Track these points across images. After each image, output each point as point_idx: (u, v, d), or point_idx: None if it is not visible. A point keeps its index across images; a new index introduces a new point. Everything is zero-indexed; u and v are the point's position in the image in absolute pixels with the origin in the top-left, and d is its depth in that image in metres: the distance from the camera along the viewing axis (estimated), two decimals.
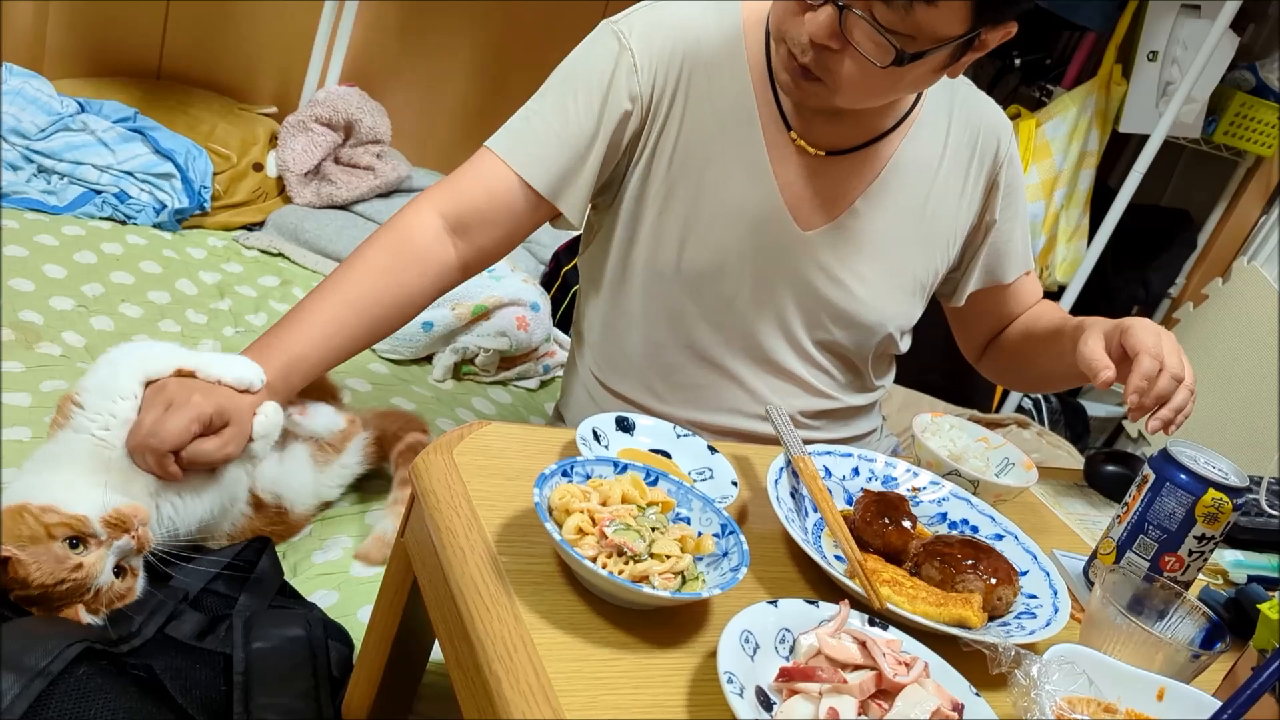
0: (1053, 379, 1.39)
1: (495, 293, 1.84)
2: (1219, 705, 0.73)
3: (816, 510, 0.95)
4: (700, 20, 1.16)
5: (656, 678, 0.72)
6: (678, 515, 0.84)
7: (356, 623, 1.08)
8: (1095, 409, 2.87)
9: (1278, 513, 1.20)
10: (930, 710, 0.69)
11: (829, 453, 1.03)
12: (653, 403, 1.26)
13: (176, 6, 2.24)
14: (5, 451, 1.20)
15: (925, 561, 0.89)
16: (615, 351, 1.27)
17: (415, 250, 1.13)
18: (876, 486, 1.03)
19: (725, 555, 0.80)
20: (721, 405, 1.26)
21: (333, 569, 1.16)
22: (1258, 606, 0.88)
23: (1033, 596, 0.91)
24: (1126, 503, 1.02)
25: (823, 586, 0.88)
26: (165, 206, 1.95)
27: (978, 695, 0.74)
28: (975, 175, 1.26)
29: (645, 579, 0.74)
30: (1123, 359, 1.09)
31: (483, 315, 1.82)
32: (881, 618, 0.80)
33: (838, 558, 0.90)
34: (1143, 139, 2.54)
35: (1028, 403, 2.69)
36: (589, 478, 0.83)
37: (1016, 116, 2.61)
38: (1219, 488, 0.96)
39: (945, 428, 1.17)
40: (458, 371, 1.81)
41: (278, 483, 1.14)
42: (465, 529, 0.80)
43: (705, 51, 1.15)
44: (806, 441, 1.00)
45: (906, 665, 0.72)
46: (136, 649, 0.92)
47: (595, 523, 0.77)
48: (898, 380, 1.43)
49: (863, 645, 0.73)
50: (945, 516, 1.02)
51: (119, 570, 0.91)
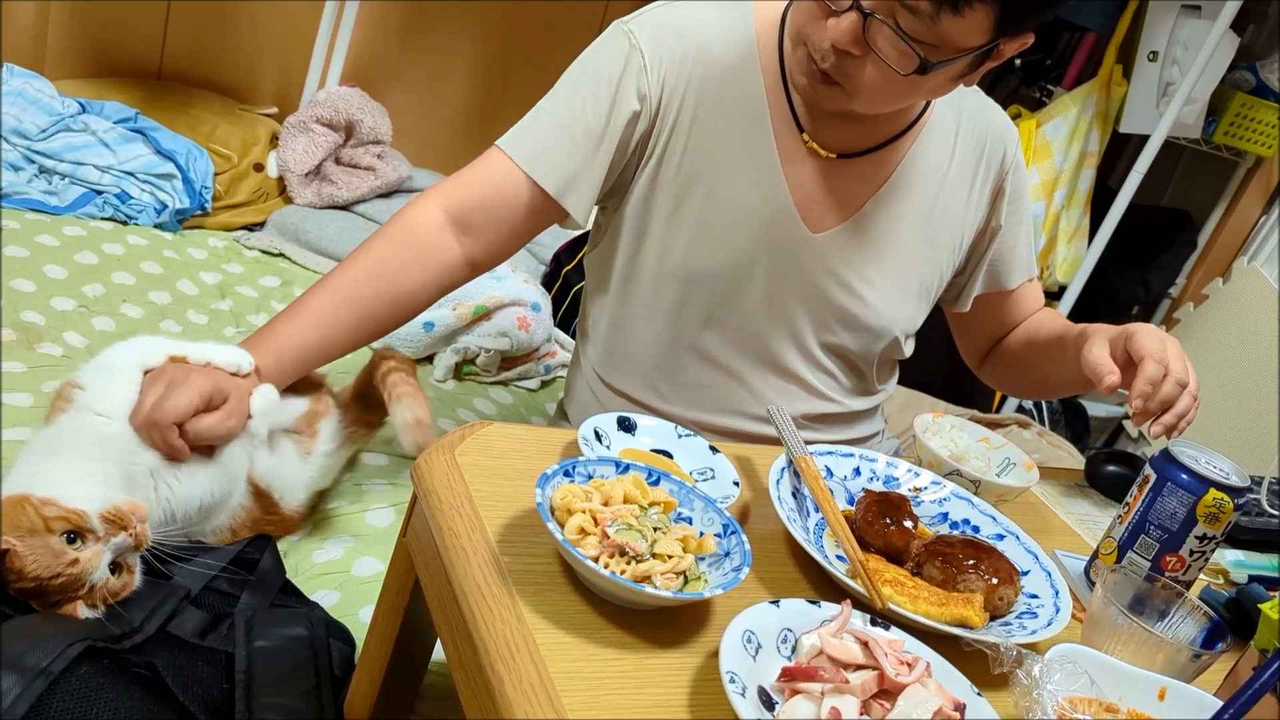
0: (1054, 386, 1.39)
1: (496, 293, 1.84)
2: (1220, 705, 0.73)
3: (818, 510, 0.95)
4: (712, 21, 1.16)
5: (659, 678, 0.72)
6: (679, 515, 0.84)
7: (358, 622, 1.08)
8: (1096, 409, 2.88)
9: (1278, 513, 1.20)
10: (932, 710, 0.69)
11: (830, 453, 1.03)
12: (657, 402, 1.26)
13: (177, 7, 2.24)
14: (5, 452, 1.20)
15: (927, 561, 0.89)
16: (620, 351, 1.27)
17: (417, 245, 1.13)
18: (878, 486, 1.03)
19: (727, 555, 0.80)
20: (725, 406, 1.26)
21: (334, 568, 1.16)
22: (1259, 606, 0.88)
23: (1034, 596, 0.91)
24: (1128, 503, 1.02)
25: (824, 586, 0.88)
26: (166, 207, 1.95)
27: (979, 695, 0.74)
28: (982, 181, 1.26)
29: (647, 579, 0.75)
30: (1127, 364, 1.09)
31: (484, 315, 1.82)
32: (883, 618, 0.80)
33: (839, 558, 0.91)
34: (1143, 139, 2.54)
35: (1028, 403, 2.69)
36: (591, 478, 0.83)
37: (1017, 117, 2.61)
38: (1220, 488, 0.96)
39: (946, 428, 1.17)
40: (459, 372, 1.80)
41: (270, 472, 1.14)
42: (467, 529, 0.80)
43: (717, 52, 1.15)
44: (808, 443, 1.00)
45: (908, 665, 0.72)
46: (139, 646, 0.92)
47: (597, 523, 0.77)
48: (899, 381, 1.43)
49: (864, 645, 0.73)
50: (947, 516, 1.02)
51: (115, 567, 0.91)
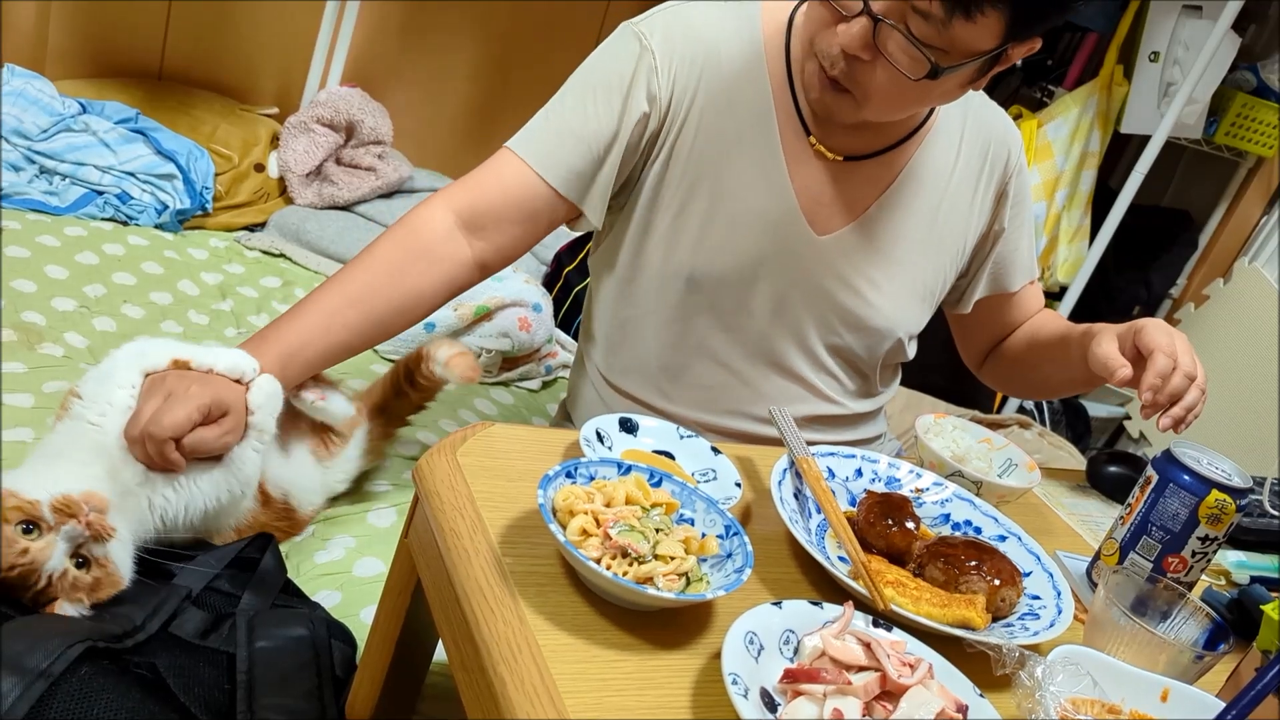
0: (1057, 386, 1.39)
1: (497, 294, 1.84)
2: (1223, 706, 0.73)
3: (820, 511, 0.95)
4: (720, 23, 1.16)
5: (661, 679, 0.72)
6: (681, 516, 0.84)
7: (360, 623, 1.08)
8: (1096, 409, 2.87)
9: None
10: (935, 711, 0.69)
11: (832, 454, 1.03)
12: (661, 402, 1.26)
13: (178, 7, 2.24)
14: (6, 452, 1.20)
15: (929, 563, 0.89)
16: (624, 351, 1.27)
17: (423, 246, 1.13)
18: (880, 488, 1.03)
19: (729, 557, 0.80)
20: (729, 407, 1.26)
21: (336, 569, 1.16)
22: (1261, 607, 0.88)
23: (1036, 597, 0.91)
24: (1130, 504, 1.02)
25: (826, 588, 0.88)
26: (167, 207, 1.95)
27: (982, 696, 0.74)
28: (986, 184, 1.27)
29: (649, 580, 0.74)
30: (1136, 359, 1.10)
31: (485, 316, 1.82)
32: (885, 619, 0.80)
33: (841, 559, 0.91)
34: (1144, 140, 2.54)
35: (1029, 403, 2.69)
36: (593, 479, 0.83)
37: (1018, 117, 2.61)
38: (1222, 489, 0.96)
39: (948, 429, 1.17)
40: None
41: (285, 480, 1.14)
42: (469, 531, 0.80)
43: (725, 55, 1.15)
44: (809, 444, 1.00)
45: (911, 666, 0.72)
46: (140, 646, 0.92)
47: (599, 524, 0.77)
48: (900, 382, 1.43)
49: (867, 646, 0.73)
50: (948, 518, 1.02)
51: (82, 562, 0.90)
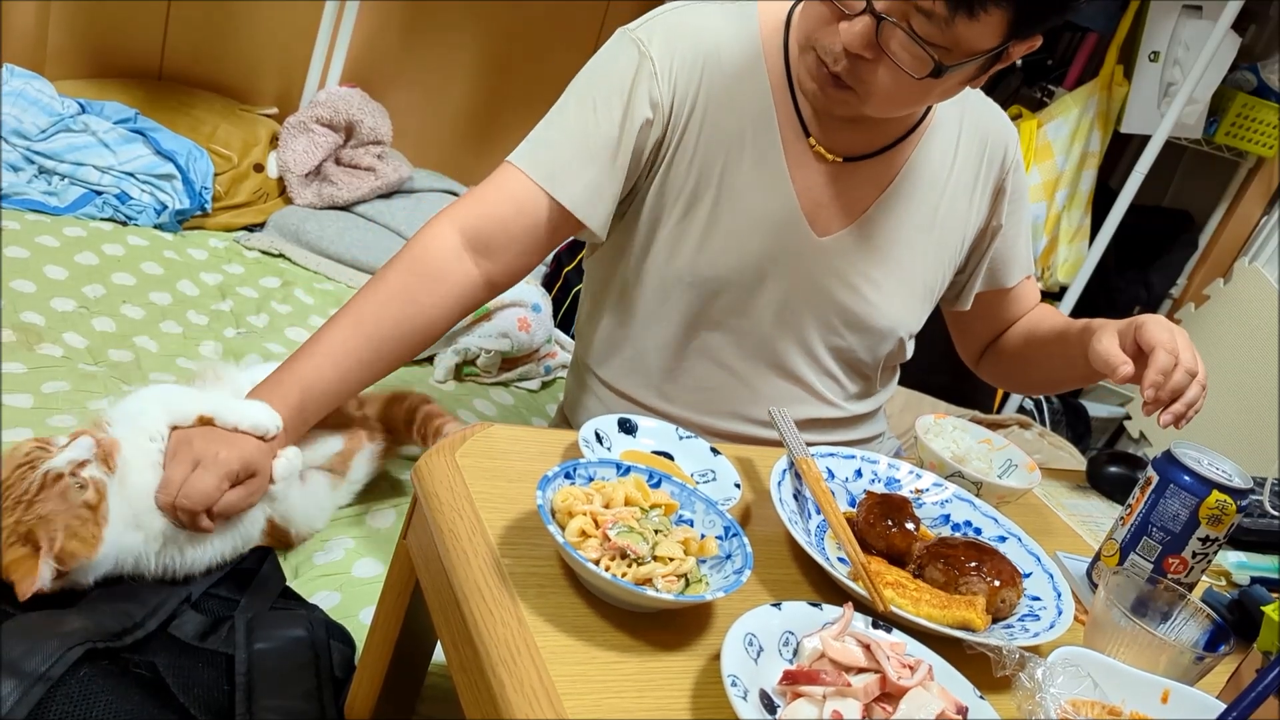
0: (1055, 381, 1.39)
1: None
2: (1224, 708, 0.73)
3: (819, 512, 0.95)
4: (719, 26, 1.16)
5: (660, 681, 0.72)
6: (681, 518, 0.84)
7: (359, 624, 1.08)
8: (1096, 409, 2.87)
9: None
10: (935, 713, 0.69)
11: (832, 454, 1.03)
12: (660, 404, 1.26)
13: (177, 7, 2.24)
14: (6, 452, 1.19)
15: (929, 564, 0.89)
16: (623, 353, 1.27)
17: (432, 271, 1.11)
18: (879, 488, 1.03)
19: (728, 558, 0.80)
20: (728, 410, 1.26)
21: (335, 570, 1.16)
22: (1261, 608, 0.88)
23: (1036, 599, 0.91)
24: (1130, 504, 1.02)
25: (826, 589, 0.88)
26: (166, 207, 1.95)
27: (982, 698, 0.74)
28: (984, 181, 1.27)
29: (648, 582, 0.74)
30: (1137, 355, 1.10)
31: (484, 316, 1.82)
32: (885, 620, 0.80)
33: (841, 560, 0.90)
34: (1144, 140, 2.54)
35: (1029, 403, 2.69)
36: (592, 480, 0.83)
37: (1018, 117, 2.61)
38: (1223, 489, 0.96)
39: (948, 429, 1.17)
40: (459, 373, 1.80)
41: (294, 510, 1.15)
42: (468, 532, 0.80)
43: (725, 58, 1.15)
44: (809, 445, 1.00)
45: (910, 668, 0.72)
46: (139, 645, 0.92)
47: (598, 525, 0.77)
48: (900, 381, 1.43)
49: (866, 648, 0.73)
50: (948, 518, 1.02)
51: (81, 486, 0.92)
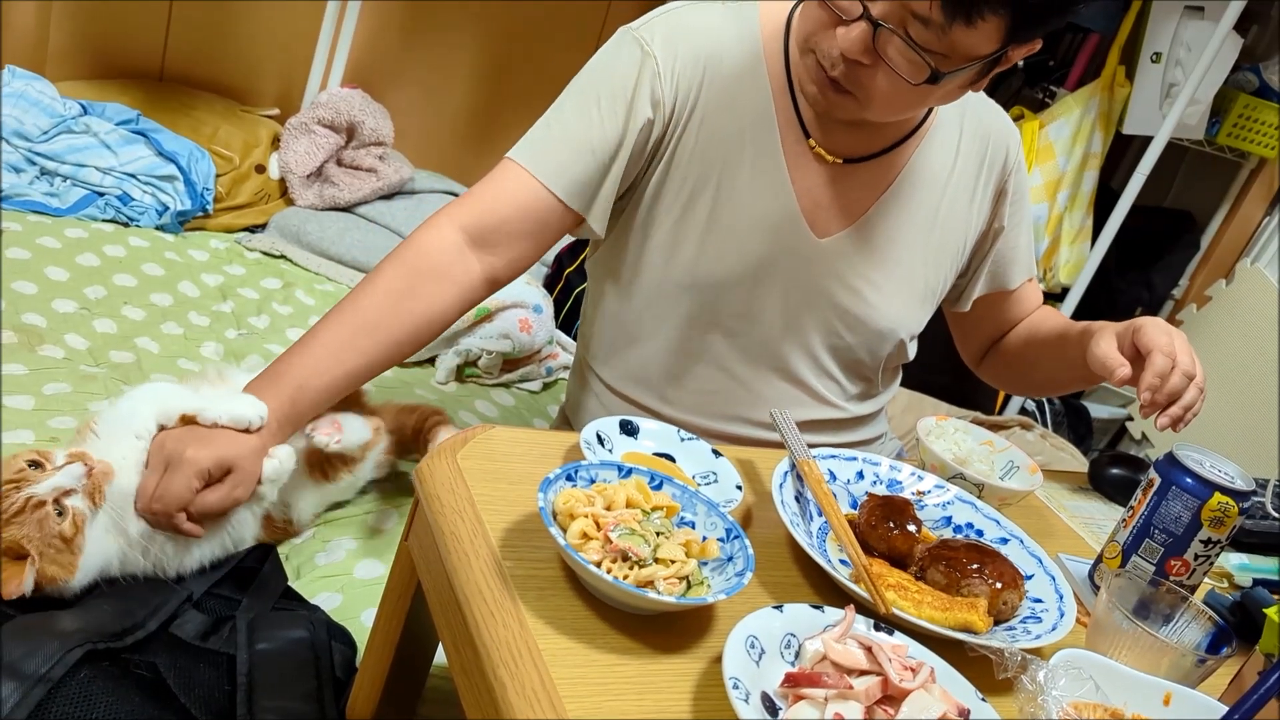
0: (1056, 383, 1.39)
1: (498, 295, 1.83)
2: (1226, 710, 0.72)
3: (821, 514, 0.94)
4: (720, 26, 1.16)
5: (662, 683, 0.72)
6: (682, 520, 0.84)
7: (360, 625, 1.08)
8: (1098, 411, 2.87)
9: None
10: (936, 715, 0.69)
11: (834, 456, 1.03)
12: (660, 406, 1.26)
13: (179, 8, 2.24)
14: (6, 454, 1.19)
15: (930, 566, 0.89)
16: (624, 355, 1.27)
17: (430, 267, 1.11)
18: (881, 490, 1.02)
19: (730, 560, 0.80)
20: (729, 412, 1.25)
21: (336, 571, 1.16)
22: (1264, 610, 0.88)
23: (1038, 601, 0.91)
24: (1132, 506, 1.01)
25: (828, 591, 0.88)
26: (167, 209, 1.95)
27: (984, 700, 0.74)
28: (985, 183, 1.26)
29: (650, 584, 0.74)
30: (1135, 358, 1.10)
31: (485, 318, 1.82)
32: (887, 622, 0.80)
33: (843, 562, 0.90)
34: (1146, 141, 2.53)
35: (1031, 405, 2.69)
36: (593, 482, 0.83)
37: (1020, 118, 2.61)
38: (1225, 491, 0.96)
39: (950, 431, 1.17)
40: (460, 374, 1.80)
41: (289, 495, 1.14)
42: (470, 534, 0.80)
43: (726, 58, 1.15)
44: (810, 447, 1.00)
45: (912, 670, 0.72)
46: (140, 645, 0.92)
47: (600, 527, 0.77)
48: (901, 382, 1.43)
49: (868, 650, 0.72)
50: (950, 520, 1.02)
51: (61, 513, 0.92)
